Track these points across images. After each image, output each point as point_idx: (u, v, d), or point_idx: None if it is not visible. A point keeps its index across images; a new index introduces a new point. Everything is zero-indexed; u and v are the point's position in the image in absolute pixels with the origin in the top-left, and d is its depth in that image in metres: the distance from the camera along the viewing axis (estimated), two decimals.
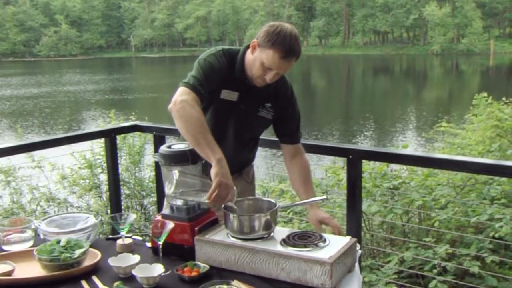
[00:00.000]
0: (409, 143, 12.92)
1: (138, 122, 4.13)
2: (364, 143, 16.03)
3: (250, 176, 2.75)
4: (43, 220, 2.40)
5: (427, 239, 4.00)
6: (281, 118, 2.58)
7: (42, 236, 2.32)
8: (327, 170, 5.62)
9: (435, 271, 3.72)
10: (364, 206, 4.12)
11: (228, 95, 2.44)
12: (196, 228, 2.13)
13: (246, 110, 2.49)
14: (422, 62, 55.26)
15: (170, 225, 2.07)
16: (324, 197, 2.93)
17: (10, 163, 5.32)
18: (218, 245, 2.05)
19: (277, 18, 72.06)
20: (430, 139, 9.75)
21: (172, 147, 2.21)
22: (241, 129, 2.52)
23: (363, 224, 4.27)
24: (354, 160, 2.96)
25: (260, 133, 2.66)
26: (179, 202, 2.17)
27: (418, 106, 24.35)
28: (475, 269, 3.60)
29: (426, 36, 67.98)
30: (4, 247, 2.27)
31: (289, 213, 4.65)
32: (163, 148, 2.20)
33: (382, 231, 4.60)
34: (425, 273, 3.78)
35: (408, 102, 26.50)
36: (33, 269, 2.02)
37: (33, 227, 2.35)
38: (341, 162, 5.35)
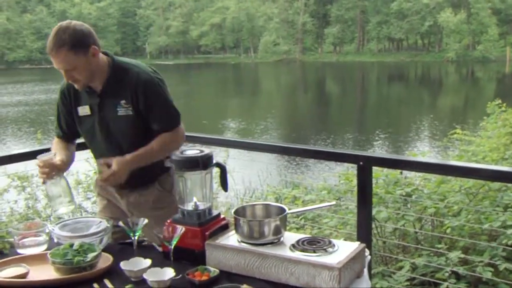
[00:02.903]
0: (424, 151, 12.86)
1: None
2: (378, 151, 15.94)
3: (168, 185, 2.70)
4: (57, 224, 2.44)
5: (439, 246, 3.98)
6: (142, 110, 2.52)
7: (55, 240, 2.36)
8: (340, 176, 5.61)
9: (447, 274, 3.70)
10: (376, 213, 4.12)
11: (83, 110, 2.58)
12: (207, 233, 2.16)
13: (104, 116, 2.53)
14: (437, 69, 54.84)
15: (181, 229, 2.10)
16: (333, 202, 2.94)
17: (25, 169, 5.37)
18: (228, 249, 2.07)
19: (291, 25, 72.15)
20: (444, 146, 9.70)
21: (184, 152, 2.24)
22: (109, 135, 2.56)
23: (375, 231, 4.26)
24: (365, 167, 2.97)
25: (134, 132, 2.55)
26: (190, 207, 2.20)
27: (433, 113, 24.14)
28: (488, 275, 3.57)
29: (441, 43, 67.41)
30: (19, 251, 2.31)
31: (301, 219, 4.66)
32: (175, 154, 2.23)
33: (395, 238, 4.58)
34: (437, 280, 3.77)
35: (423, 109, 26.29)
36: (46, 272, 2.06)
37: (47, 231, 2.39)
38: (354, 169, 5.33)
